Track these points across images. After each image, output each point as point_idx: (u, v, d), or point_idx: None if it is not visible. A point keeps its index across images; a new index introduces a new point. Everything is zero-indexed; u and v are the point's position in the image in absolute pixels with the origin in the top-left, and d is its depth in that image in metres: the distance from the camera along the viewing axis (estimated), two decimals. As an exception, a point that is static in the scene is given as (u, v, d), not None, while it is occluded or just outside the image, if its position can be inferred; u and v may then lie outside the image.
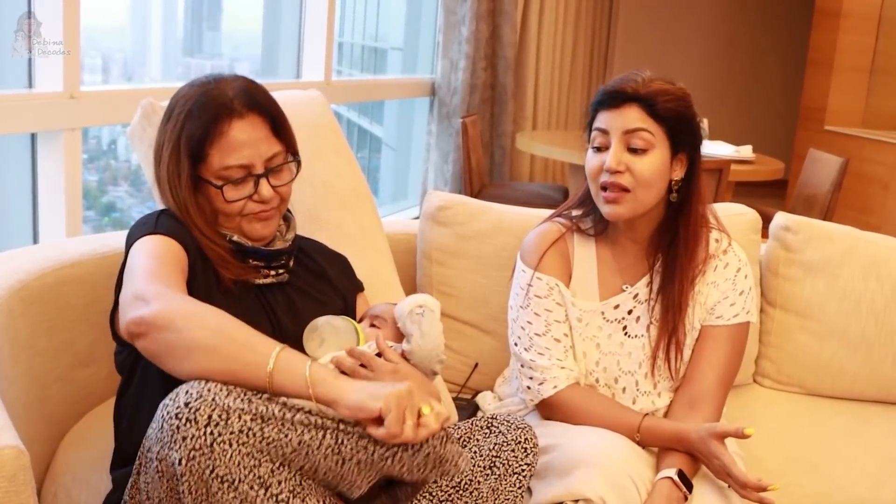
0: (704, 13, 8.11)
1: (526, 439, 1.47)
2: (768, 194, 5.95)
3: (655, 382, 1.76)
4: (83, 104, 2.51)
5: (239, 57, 4.52)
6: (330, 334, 1.46)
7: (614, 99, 1.67)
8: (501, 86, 5.35)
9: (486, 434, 1.49)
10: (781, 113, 7.95)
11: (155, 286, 1.27)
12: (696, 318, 1.76)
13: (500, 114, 5.40)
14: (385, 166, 5.91)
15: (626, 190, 1.67)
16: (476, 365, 2.11)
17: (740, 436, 1.54)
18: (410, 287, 2.17)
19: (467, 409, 1.99)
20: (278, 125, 1.51)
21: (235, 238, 1.50)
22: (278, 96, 1.56)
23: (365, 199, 2.06)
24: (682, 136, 1.69)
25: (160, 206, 1.54)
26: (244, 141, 1.45)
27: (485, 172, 4.85)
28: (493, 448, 1.47)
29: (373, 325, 1.59)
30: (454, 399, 2.01)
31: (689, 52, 8.05)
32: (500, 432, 1.48)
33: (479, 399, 1.99)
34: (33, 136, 2.51)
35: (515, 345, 1.78)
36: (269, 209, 1.50)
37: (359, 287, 1.73)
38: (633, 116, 1.66)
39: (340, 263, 1.73)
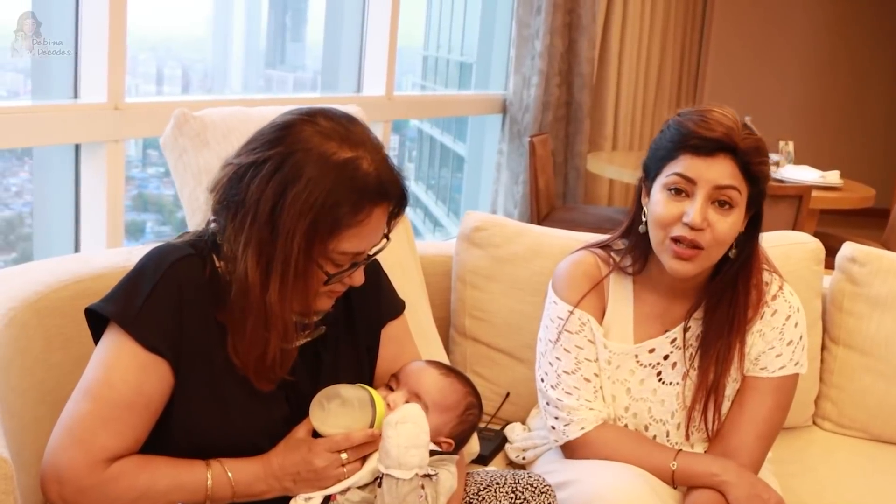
0: (803, 30, 7.76)
1: (549, 503, 1.48)
2: (869, 224, 5.62)
3: (689, 434, 1.65)
4: (127, 116, 2.52)
5: (321, 69, 4.52)
6: (338, 409, 1.32)
7: (707, 146, 1.51)
8: (577, 104, 5.20)
9: (511, 500, 1.47)
10: (886, 136, 7.58)
11: (80, 465, 1.25)
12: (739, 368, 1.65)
13: (574, 133, 5.25)
14: (466, 185, 5.83)
15: (700, 248, 1.53)
16: (507, 394, 2.02)
17: None
18: (444, 311, 2.10)
19: (494, 440, 1.91)
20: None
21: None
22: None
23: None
24: (761, 196, 1.57)
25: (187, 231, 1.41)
26: (376, 229, 1.31)
27: (554, 194, 4.71)
28: None
29: (389, 387, 1.46)
30: (482, 430, 1.92)
31: (785, 72, 7.71)
32: (525, 499, 1.47)
33: (508, 431, 1.92)
34: (77, 147, 2.52)
35: (542, 380, 1.69)
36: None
37: (394, 311, 1.55)
38: (725, 171, 1.51)
39: (371, 284, 1.48)
